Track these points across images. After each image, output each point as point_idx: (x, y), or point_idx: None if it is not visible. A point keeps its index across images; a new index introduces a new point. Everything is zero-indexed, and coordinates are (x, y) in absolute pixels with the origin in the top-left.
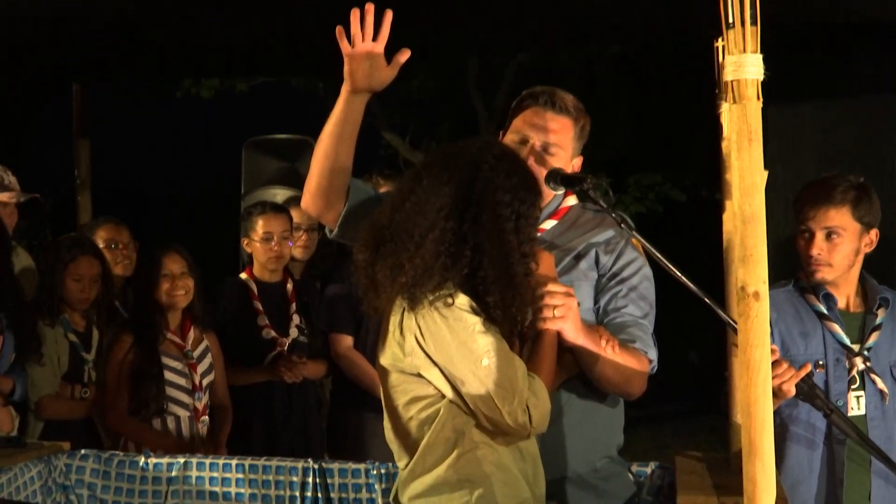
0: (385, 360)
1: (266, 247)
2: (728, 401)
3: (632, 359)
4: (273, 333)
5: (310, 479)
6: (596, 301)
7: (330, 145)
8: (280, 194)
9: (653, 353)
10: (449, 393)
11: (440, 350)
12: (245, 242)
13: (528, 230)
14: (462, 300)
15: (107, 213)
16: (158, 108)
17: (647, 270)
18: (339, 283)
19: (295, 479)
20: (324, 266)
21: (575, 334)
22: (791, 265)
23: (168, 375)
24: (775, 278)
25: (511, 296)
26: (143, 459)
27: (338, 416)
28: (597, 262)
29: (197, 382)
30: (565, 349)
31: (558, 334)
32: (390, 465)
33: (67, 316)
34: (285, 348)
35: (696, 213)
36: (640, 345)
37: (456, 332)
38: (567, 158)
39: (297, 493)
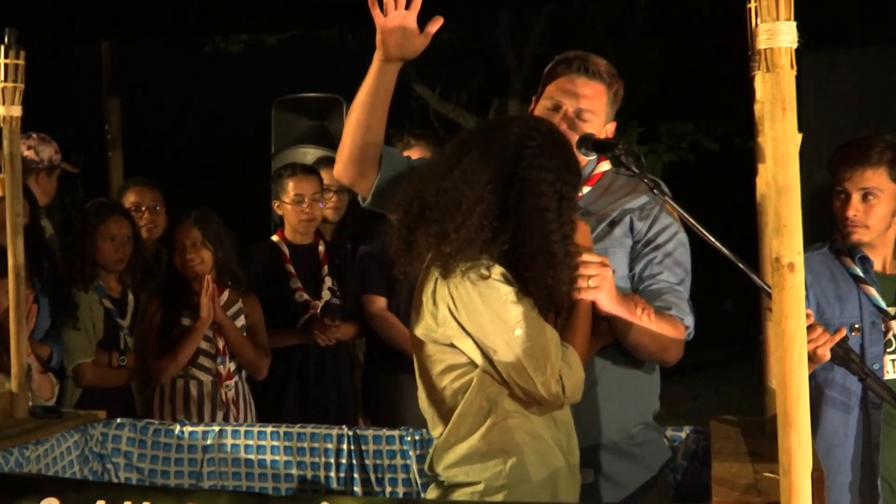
0: (418, 330)
1: (297, 209)
2: (763, 365)
3: (667, 326)
4: (306, 296)
5: (344, 446)
6: (631, 268)
7: (362, 114)
8: (310, 153)
9: (689, 320)
10: (481, 362)
11: (473, 320)
12: (276, 205)
13: (570, 212)
14: (496, 271)
15: (137, 171)
16: (187, 63)
17: (683, 236)
18: (371, 244)
19: (329, 445)
20: (355, 227)
21: (610, 304)
22: (826, 226)
23: None
24: (809, 239)
25: (549, 274)
26: (178, 428)
27: (372, 377)
28: (631, 228)
29: (221, 347)
30: (600, 318)
31: (593, 304)
32: (424, 431)
33: (102, 282)
34: (318, 311)
35: (729, 161)
36: (675, 311)
37: (489, 302)
38: (600, 124)
39: (332, 460)
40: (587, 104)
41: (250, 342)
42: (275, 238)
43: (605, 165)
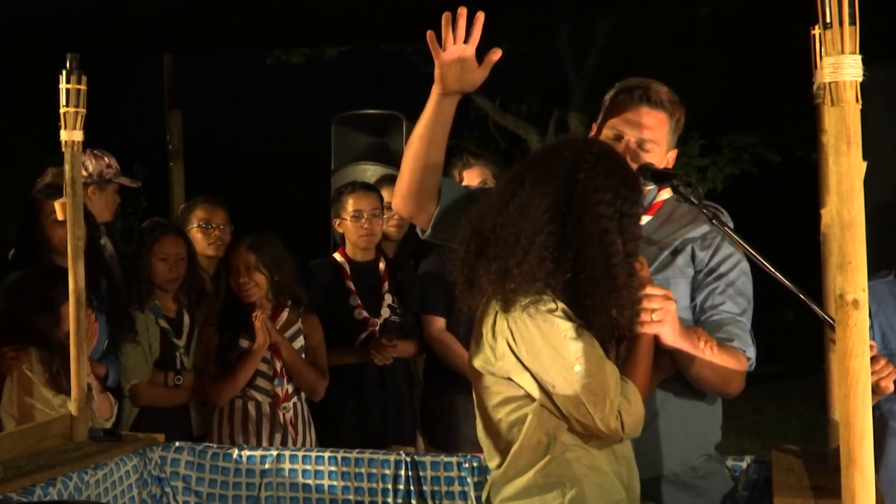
0: (477, 361)
1: (356, 224)
2: (826, 395)
3: (730, 358)
4: (365, 314)
5: (402, 472)
6: (692, 298)
7: (420, 147)
8: (370, 170)
9: (751, 352)
10: (539, 396)
11: (532, 355)
12: (336, 223)
13: (633, 229)
14: (556, 306)
15: (198, 183)
16: (248, 75)
17: (745, 265)
18: (431, 262)
19: (387, 471)
20: (417, 245)
21: (673, 337)
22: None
23: None
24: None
25: (612, 299)
26: (236, 452)
27: (430, 396)
28: (693, 257)
29: (278, 369)
30: (663, 351)
31: (655, 337)
32: (482, 457)
33: (158, 302)
34: (377, 328)
35: (792, 173)
36: (738, 343)
37: (548, 338)
38: (662, 153)
39: (390, 486)
40: (649, 134)
41: (307, 364)
42: (336, 256)
43: (666, 194)
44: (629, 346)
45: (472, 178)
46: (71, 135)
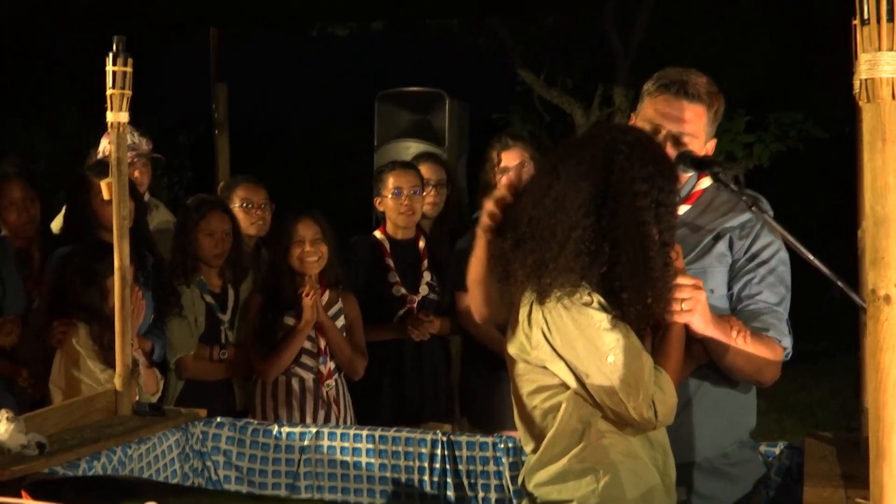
0: (512, 349)
1: (396, 202)
2: (860, 382)
3: (764, 348)
4: (403, 290)
5: (438, 451)
6: (730, 286)
7: (483, 290)
8: (413, 147)
9: (787, 342)
10: (574, 385)
11: (566, 345)
12: (377, 201)
13: (669, 218)
14: (592, 298)
15: (243, 155)
16: (293, 47)
17: (784, 254)
18: (468, 240)
19: (424, 450)
20: (453, 222)
21: (704, 326)
22: None
23: None
24: None
25: (648, 289)
26: (276, 428)
27: (467, 374)
28: (731, 246)
29: (322, 347)
30: (695, 340)
31: (686, 327)
32: (517, 438)
33: (204, 277)
34: (415, 306)
35: (839, 150)
36: (773, 333)
37: (582, 328)
38: (701, 145)
39: (426, 465)
40: (688, 128)
41: (349, 343)
42: (377, 233)
43: (706, 182)
44: (661, 335)
45: (510, 159)
46: (117, 116)
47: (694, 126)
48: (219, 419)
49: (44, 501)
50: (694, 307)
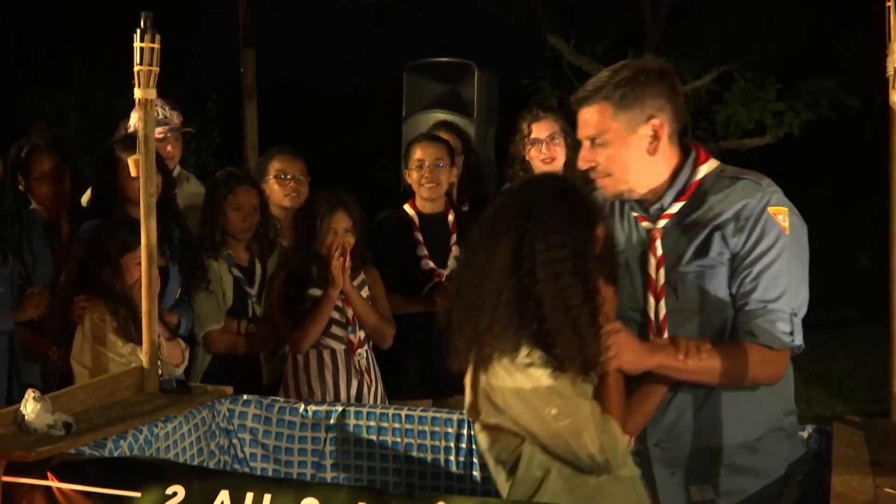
0: (466, 410)
1: (419, 174)
2: (892, 364)
3: (740, 357)
4: (431, 265)
5: (464, 431)
6: (730, 285)
7: None
8: (441, 118)
9: (784, 340)
10: (527, 438)
11: (511, 403)
12: (406, 174)
13: (590, 266)
14: (528, 358)
15: (270, 122)
16: (322, 15)
17: (785, 240)
18: None
19: (450, 430)
20: (473, 192)
21: (637, 365)
22: None
23: None
24: None
25: (576, 343)
26: (302, 407)
27: None
28: (726, 241)
29: (350, 317)
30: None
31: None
32: None
33: (231, 251)
34: (443, 279)
35: (871, 118)
36: (763, 339)
37: (524, 387)
38: (621, 136)
39: (452, 444)
40: (592, 131)
41: (376, 312)
42: (405, 207)
43: (705, 170)
44: (600, 382)
45: (540, 131)
46: (145, 93)
47: (597, 126)
48: (245, 397)
49: (70, 483)
50: (618, 351)
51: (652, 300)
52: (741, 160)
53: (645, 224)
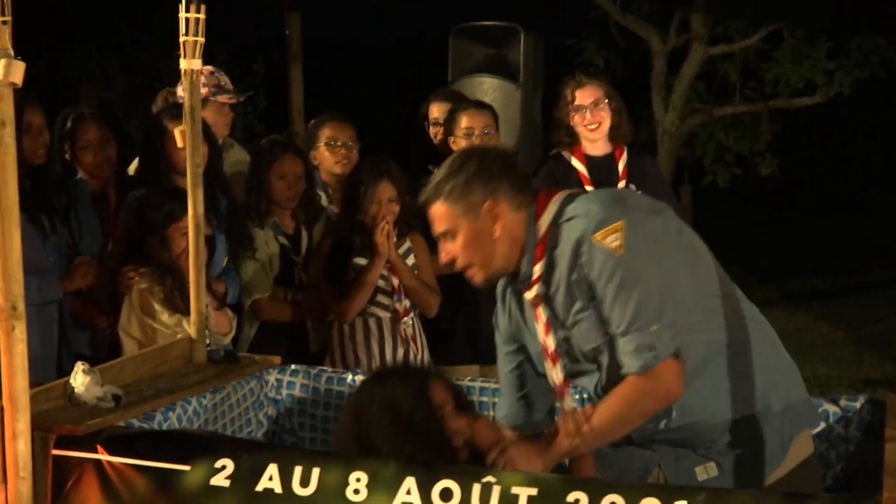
0: None
1: (468, 142)
2: None
3: (626, 395)
4: None
5: None
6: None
7: None
8: (487, 82)
9: (641, 366)
10: None
11: None
12: (451, 140)
13: (437, 430)
14: None
15: (316, 87)
16: None
17: (618, 260)
18: (542, 178)
19: (497, 400)
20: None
21: (539, 468)
22: None
23: None
24: None
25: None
26: (350, 376)
27: None
28: (579, 287)
29: (396, 285)
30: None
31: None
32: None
33: (277, 219)
34: None
35: None
36: (629, 369)
37: None
38: (465, 226)
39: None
40: (441, 228)
41: (421, 281)
42: None
43: (545, 223)
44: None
45: (584, 97)
46: (190, 63)
47: (443, 222)
48: (293, 367)
49: (119, 457)
50: (514, 462)
51: (549, 365)
52: (791, 120)
53: (526, 295)
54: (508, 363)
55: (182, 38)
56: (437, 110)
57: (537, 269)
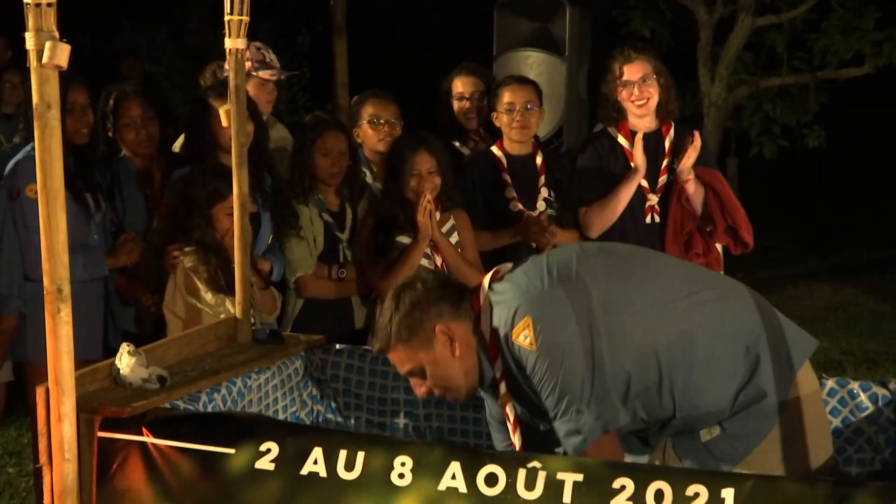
0: None
1: (509, 117)
2: None
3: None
4: (520, 206)
5: None
6: None
7: None
8: (532, 56)
9: (574, 447)
10: None
11: None
12: (493, 116)
13: None
14: None
15: (359, 60)
16: None
17: (533, 355)
18: (588, 156)
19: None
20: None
21: None
22: None
23: None
24: None
25: None
26: None
27: None
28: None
29: (439, 264)
30: None
31: None
32: None
33: (322, 196)
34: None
35: None
36: (570, 448)
37: None
38: (427, 358)
39: None
40: (406, 368)
41: (464, 259)
42: (494, 149)
43: (486, 324)
44: None
45: (632, 73)
46: (235, 42)
47: (406, 363)
48: (338, 346)
49: (164, 440)
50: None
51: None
52: (839, 90)
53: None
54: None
55: (227, 17)
56: (461, 85)
57: (498, 368)
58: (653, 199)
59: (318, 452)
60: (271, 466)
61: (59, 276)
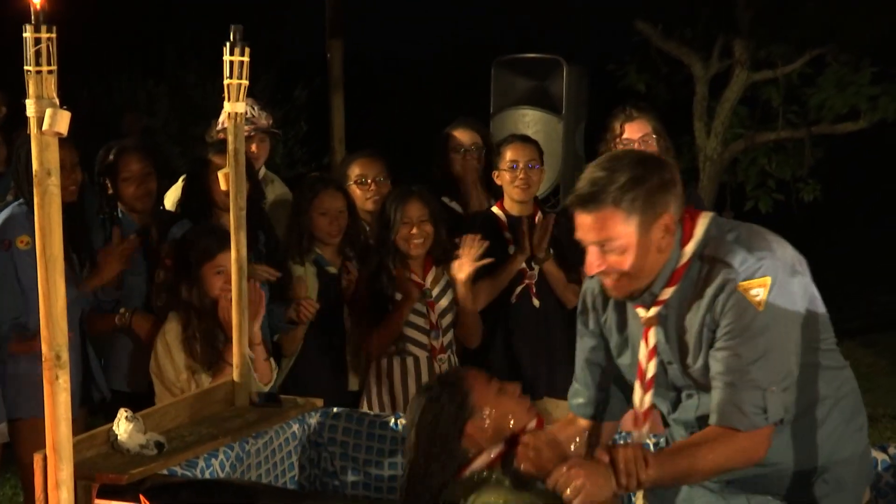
0: None
1: (512, 175)
2: None
3: (718, 450)
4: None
5: None
6: None
7: None
8: (529, 115)
9: (746, 422)
10: None
11: None
12: (495, 174)
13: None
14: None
15: (357, 114)
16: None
17: (755, 315)
18: None
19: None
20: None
21: (612, 492)
22: None
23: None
24: None
25: None
26: (392, 420)
27: None
28: (709, 329)
29: (434, 321)
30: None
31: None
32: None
33: (322, 253)
34: (533, 282)
35: None
36: (726, 421)
37: None
38: (635, 240)
39: None
40: (600, 237)
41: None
42: (494, 208)
43: (689, 250)
44: None
45: (633, 131)
46: (234, 106)
47: (607, 232)
48: (335, 410)
49: None
50: (580, 492)
51: (639, 389)
52: (834, 146)
53: (639, 311)
54: (591, 353)
55: (226, 81)
56: (459, 135)
57: (667, 293)
58: None
59: None
60: None
61: (58, 342)
